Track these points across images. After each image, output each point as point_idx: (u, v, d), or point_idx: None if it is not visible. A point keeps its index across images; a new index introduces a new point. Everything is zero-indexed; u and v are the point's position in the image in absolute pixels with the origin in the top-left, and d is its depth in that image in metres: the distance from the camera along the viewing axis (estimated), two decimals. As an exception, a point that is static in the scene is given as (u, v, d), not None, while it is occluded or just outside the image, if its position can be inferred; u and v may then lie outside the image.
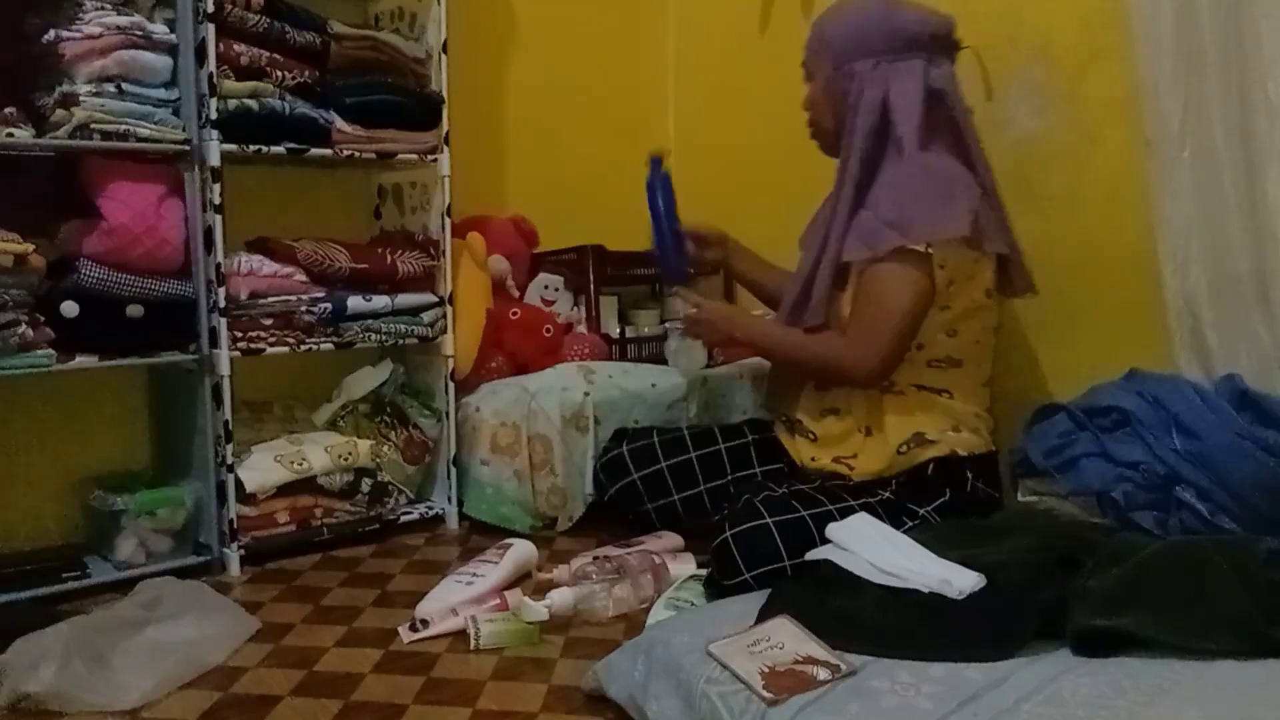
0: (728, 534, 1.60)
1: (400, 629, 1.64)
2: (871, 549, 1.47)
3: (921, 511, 1.71)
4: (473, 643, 1.58)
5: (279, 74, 1.97)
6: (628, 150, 2.23)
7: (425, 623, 1.63)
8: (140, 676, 1.41)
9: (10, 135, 1.72)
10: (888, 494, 1.72)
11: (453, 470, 2.22)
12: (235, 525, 1.93)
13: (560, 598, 1.65)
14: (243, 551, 1.93)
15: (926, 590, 1.36)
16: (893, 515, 1.67)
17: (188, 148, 1.87)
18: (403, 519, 2.17)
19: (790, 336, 1.86)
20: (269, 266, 1.97)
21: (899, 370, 1.76)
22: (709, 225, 2.15)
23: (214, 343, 1.91)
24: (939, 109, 1.76)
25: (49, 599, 1.74)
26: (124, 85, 1.78)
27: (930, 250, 1.67)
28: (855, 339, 1.73)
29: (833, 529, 1.55)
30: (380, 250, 2.15)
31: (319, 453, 2.01)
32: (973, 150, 1.79)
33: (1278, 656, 1.18)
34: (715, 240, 2.15)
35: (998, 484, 1.81)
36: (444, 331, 2.20)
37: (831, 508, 1.65)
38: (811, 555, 1.53)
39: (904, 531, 1.58)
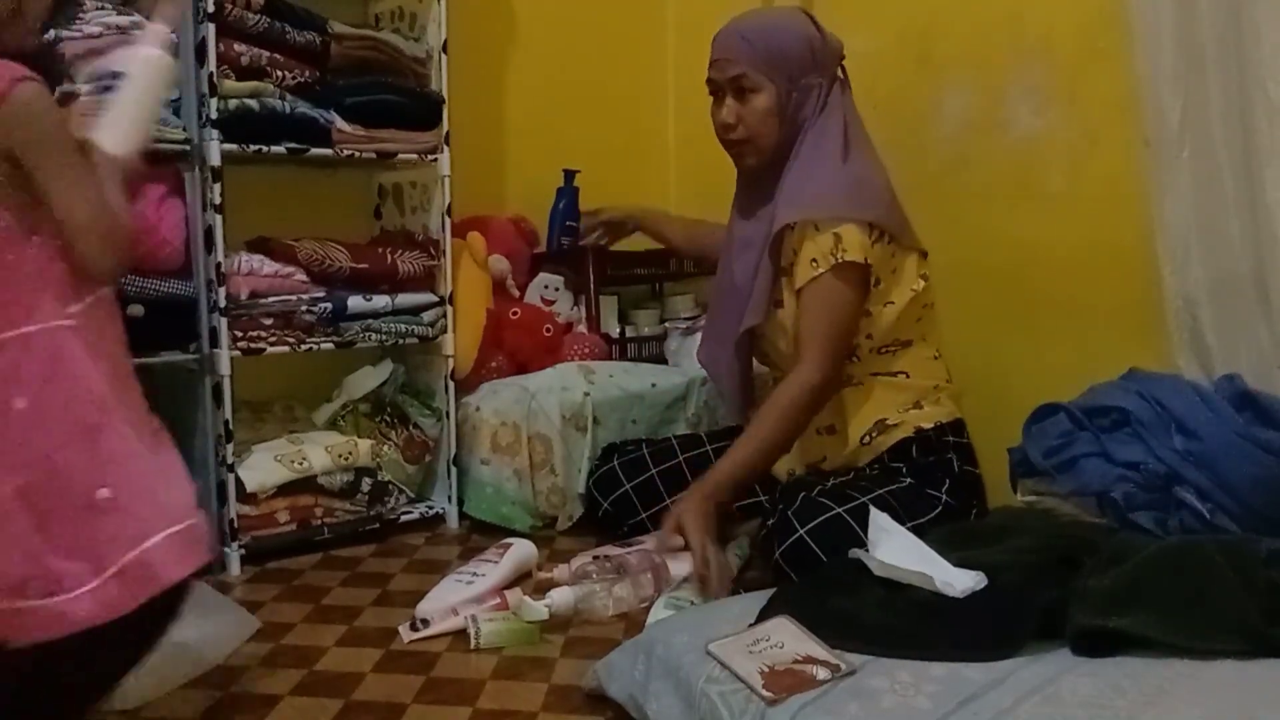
0: (801, 531, 1.60)
1: (400, 628, 1.64)
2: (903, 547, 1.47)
3: (943, 496, 1.73)
4: (473, 642, 1.58)
5: (279, 74, 1.98)
6: (628, 150, 2.23)
7: (425, 622, 1.63)
8: (140, 676, 1.40)
9: (10, 135, 1.72)
10: (907, 481, 1.74)
11: (453, 470, 2.22)
12: (235, 525, 1.93)
13: (560, 597, 1.65)
14: (243, 551, 1.94)
15: (936, 587, 1.36)
16: (914, 504, 1.68)
17: (188, 147, 1.87)
18: (403, 519, 2.17)
19: (758, 427, 1.74)
20: (269, 266, 1.97)
21: (855, 364, 1.80)
22: (614, 214, 2.27)
23: (214, 342, 1.91)
24: (852, 127, 1.82)
25: (49, 599, 1.74)
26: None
27: (868, 261, 1.71)
28: (814, 357, 1.72)
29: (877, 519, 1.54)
30: (380, 250, 2.15)
31: (319, 452, 2.01)
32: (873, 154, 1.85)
33: (1278, 656, 1.18)
34: (624, 222, 2.28)
35: (972, 454, 1.83)
36: (444, 331, 2.20)
37: (872, 495, 1.65)
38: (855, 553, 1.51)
39: (929, 521, 1.64)
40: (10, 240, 1.00)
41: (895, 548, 1.45)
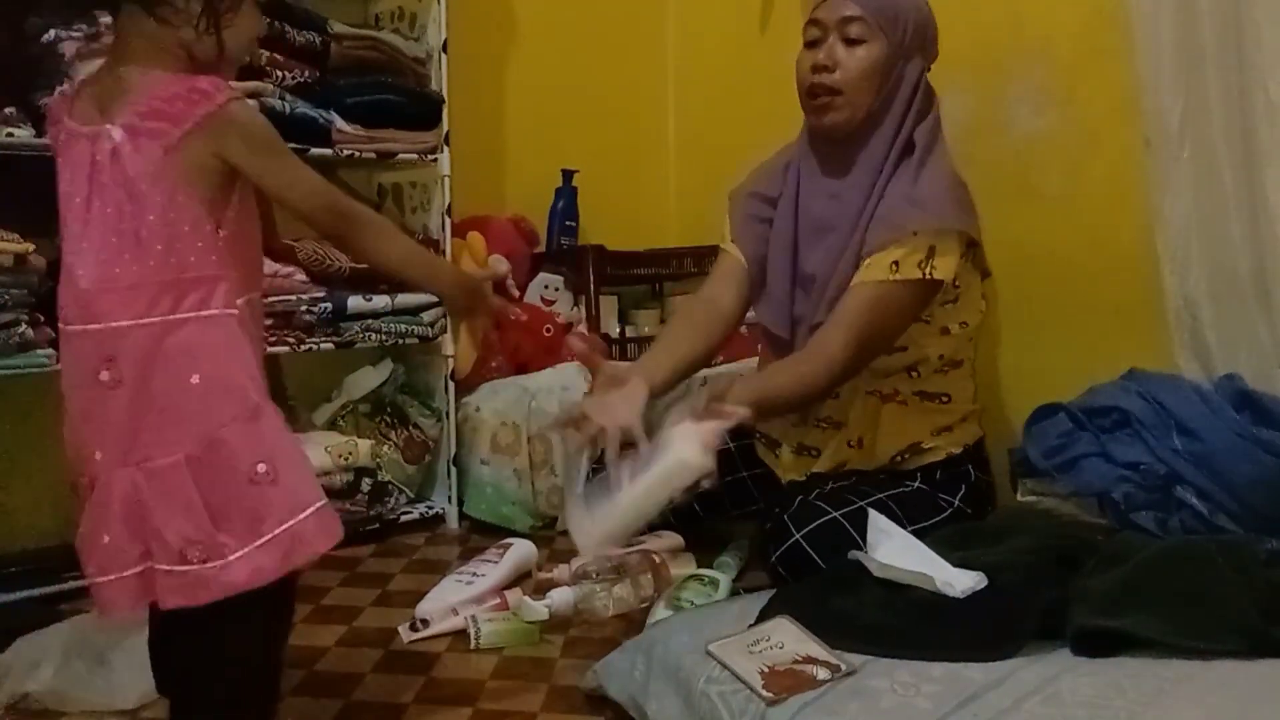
0: (797, 535, 1.57)
1: (400, 629, 1.64)
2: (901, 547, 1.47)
3: (955, 502, 1.70)
4: (473, 642, 1.58)
5: (279, 74, 1.98)
6: (628, 150, 2.23)
7: (425, 622, 1.63)
8: (140, 676, 1.40)
9: (10, 135, 1.72)
10: (916, 484, 1.71)
11: (453, 470, 2.22)
12: (235, 525, 1.92)
13: (560, 597, 1.65)
14: (243, 551, 1.93)
15: (936, 587, 1.36)
16: (922, 507, 1.66)
17: (188, 147, 1.87)
18: (403, 519, 2.17)
19: (780, 381, 1.62)
20: (269, 266, 1.96)
21: (913, 380, 1.71)
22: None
23: (214, 342, 1.90)
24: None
25: (49, 599, 1.74)
26: (124, 85, 1.78)
27: (956, 282, 1.63)
28: (847, 341, 1.58)
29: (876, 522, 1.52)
30: (380, 250, 2.15)
31: (319, 452, 2.01)
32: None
33: (1278, 656, 1.18)
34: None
35: (987, 464, 1.80)
36: (444, 331, 2.20)
37: (871, 499, 1.62)
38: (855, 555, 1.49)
39: (935, 524, 1.62)
40: (204, 234, 1.10)
41: (894, 549, 1.45)
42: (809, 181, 1.74)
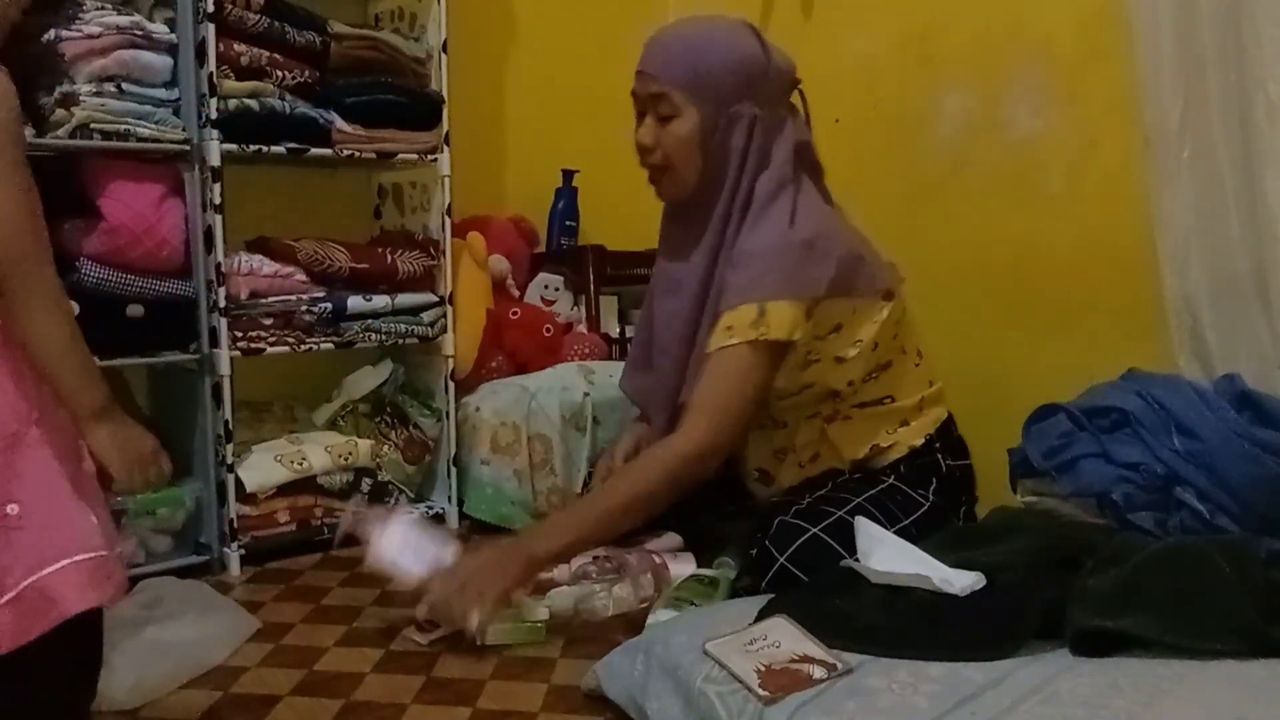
0: (781, 559, 1.55)
1: (405, 631, 1.63)
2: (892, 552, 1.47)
3: (930, 496, 1.70)
4: (478, 638, 1.58)
5: (279, 74, 1.98)
6: (628, 150, 2.23)
7: (433, 623, 1.62)
8: (140, 676, 1.41)
9: (10, 135, 1.71)
10: (891, 481, 1.70)
11: (453, 470, 2.22)
12: (235, 525, 1.93)
13: (560, 597, 1.65)
14: (243, 551, 1.94)
15: (935, 586, 1.36)
16: (899, 505, 1.66)
17: (188, 147, 1.87)
18: (403, 519, 2.17)
19: (615, 492, 1.59)
20: (269, 266, 1.97)
21: (838, 402, 1.70)
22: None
23: (214, 342, 1.91)
24: (802, 160, 1.67)
25: (49, 599, 1.74)
26: (124, 85, 1.78)
27: (795, 337, 1.57)
28: (710, 421, 1.56)
29: (862, 526, 1.53)
30: (380, 250, 2.15)
31: (319, 452, 2.02)
32: (827, 194, 1.73)
33: (1278, 656, 1.18)
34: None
35: (962, 448, 1.80)
36: (444, 331, 2.20)
37: (848, 507, 1.62)
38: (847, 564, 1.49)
39: (914, 521, 1.62)
40: None
41: (887, 555, 1.45)
42: (665, 242, 1.79)
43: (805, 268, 1.58)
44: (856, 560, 1.46)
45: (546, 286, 2.49)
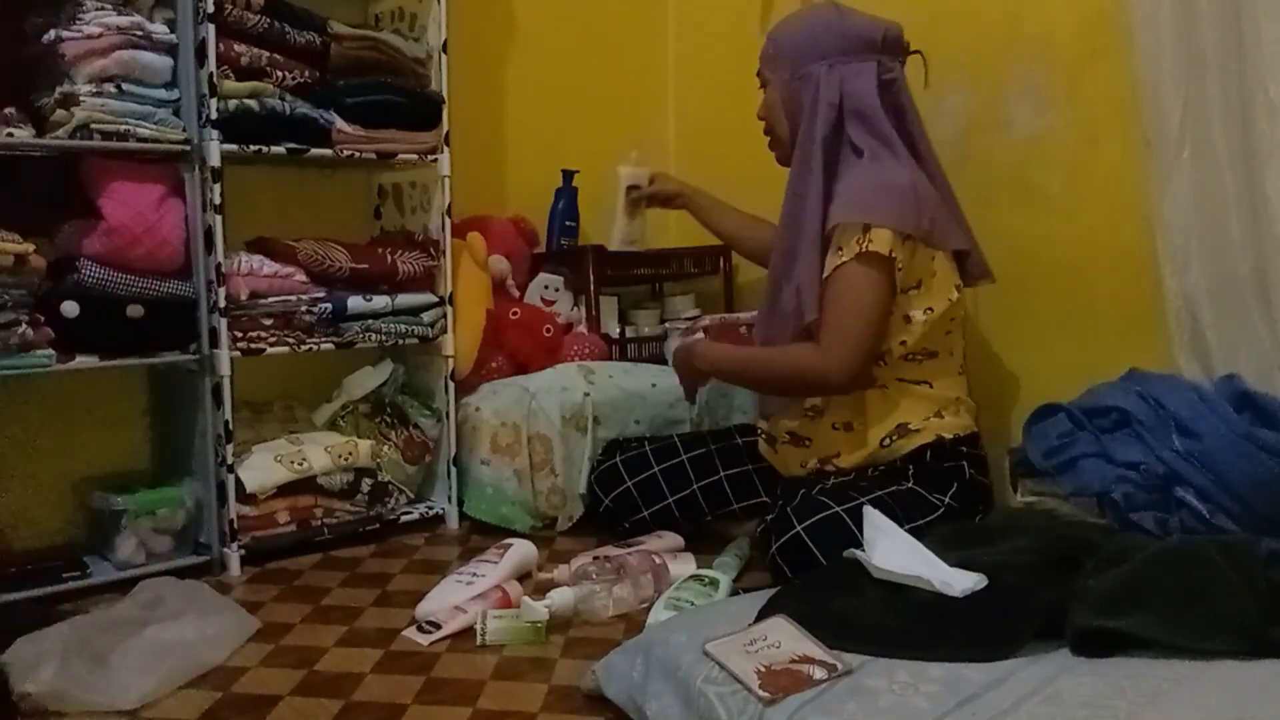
0: (798, 528, 1.61)
1: (405, 632, 1.63)
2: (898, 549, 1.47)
3: (947, 500, 1.72)
4: (479, 638, 1.58)
5: (279, 74, 1.98)
6: (628, 150, 2.23)
7: (434, 624, 1.63)
8: (140, 676, 1.41)
9: (10, 135, 1.72)
10: (909, 484, 1.73)
11: (453, 470, 2.22)
12: (235, 525, 1.93)
13: (560, 598, 1.65)
14: (243, 551, 1.93)
15: (935, 588, 1.36)
16: (917, 505, 1.68)
17: (188, 148, 1.87)
18: (403, 519, 2.17)
19: (758, 355, 1.87)
20: (269, 266, 1.97)
21: (883, 368, 1.77)
22: (666, 186, 2.22)
23: (214, 343, 1.91)
24: (891, 107, 1.77)
25: (49, 599, 1.74)
26: (124, 85, 1.78)
27: (893, 255, 1.67)
28: (829, 344, 1.70)
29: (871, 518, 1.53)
30: (380, 250, 2.15)
31: (319, 453, 2.01)
32: (922, 148, 1.82)
33: (1278, 656, 1.18)
34: (673, 197, 2.23)
35: (985, 465, 1.82)
36: (444, 331, 2.20)
37: (872, 495, 1.65)
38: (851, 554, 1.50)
39: (926, 524, 1.62)
40: None
41: (892, 548, 1.45)
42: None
43: (905, 205, 1.71)
44: (861, 550, 1.46)
45: (546, 287, 2.49)
